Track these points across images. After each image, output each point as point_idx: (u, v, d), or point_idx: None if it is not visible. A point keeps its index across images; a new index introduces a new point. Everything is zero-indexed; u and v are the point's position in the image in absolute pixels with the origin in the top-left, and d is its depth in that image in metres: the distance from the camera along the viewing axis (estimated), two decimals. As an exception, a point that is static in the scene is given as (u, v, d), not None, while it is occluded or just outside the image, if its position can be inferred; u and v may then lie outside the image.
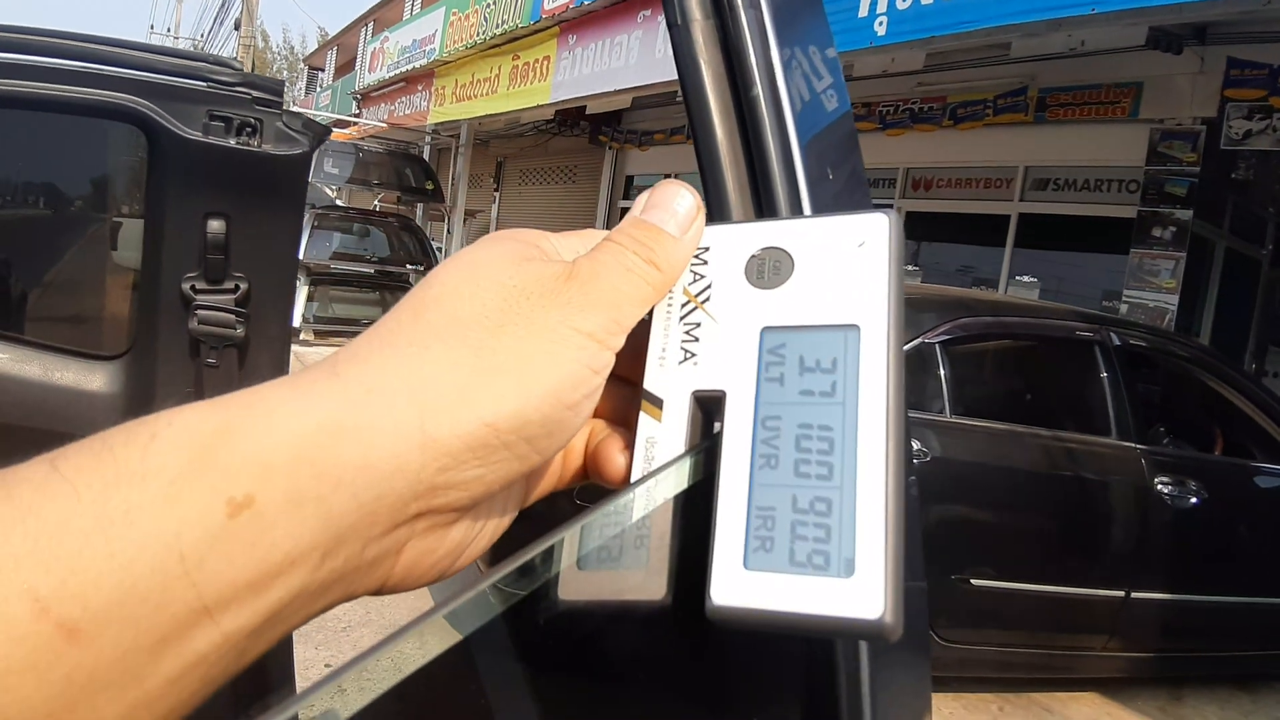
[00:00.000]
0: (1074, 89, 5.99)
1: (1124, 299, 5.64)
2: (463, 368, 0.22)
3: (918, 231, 7.67)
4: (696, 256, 0.28)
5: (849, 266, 0.25)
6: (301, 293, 7.43)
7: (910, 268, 7.46)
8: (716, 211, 0.34)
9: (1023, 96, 6.17)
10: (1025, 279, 6.47)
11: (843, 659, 0.36)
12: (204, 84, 1.01)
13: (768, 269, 0.26)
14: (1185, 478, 3.08)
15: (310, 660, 2.56)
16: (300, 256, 7.25)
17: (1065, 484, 3.00)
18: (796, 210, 0.33)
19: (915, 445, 2.76)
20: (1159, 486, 3.03)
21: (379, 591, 0.23)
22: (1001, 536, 2.94)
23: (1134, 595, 3.03)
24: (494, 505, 0.25)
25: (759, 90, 0.33)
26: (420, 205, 12.11)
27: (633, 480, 0.26)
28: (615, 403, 0.29)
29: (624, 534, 0.25)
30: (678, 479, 0.25)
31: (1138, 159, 5.70)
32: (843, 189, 0.39)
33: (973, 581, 2.86)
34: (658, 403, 0.26)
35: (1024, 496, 2.96)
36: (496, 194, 13.55)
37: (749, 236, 0.27)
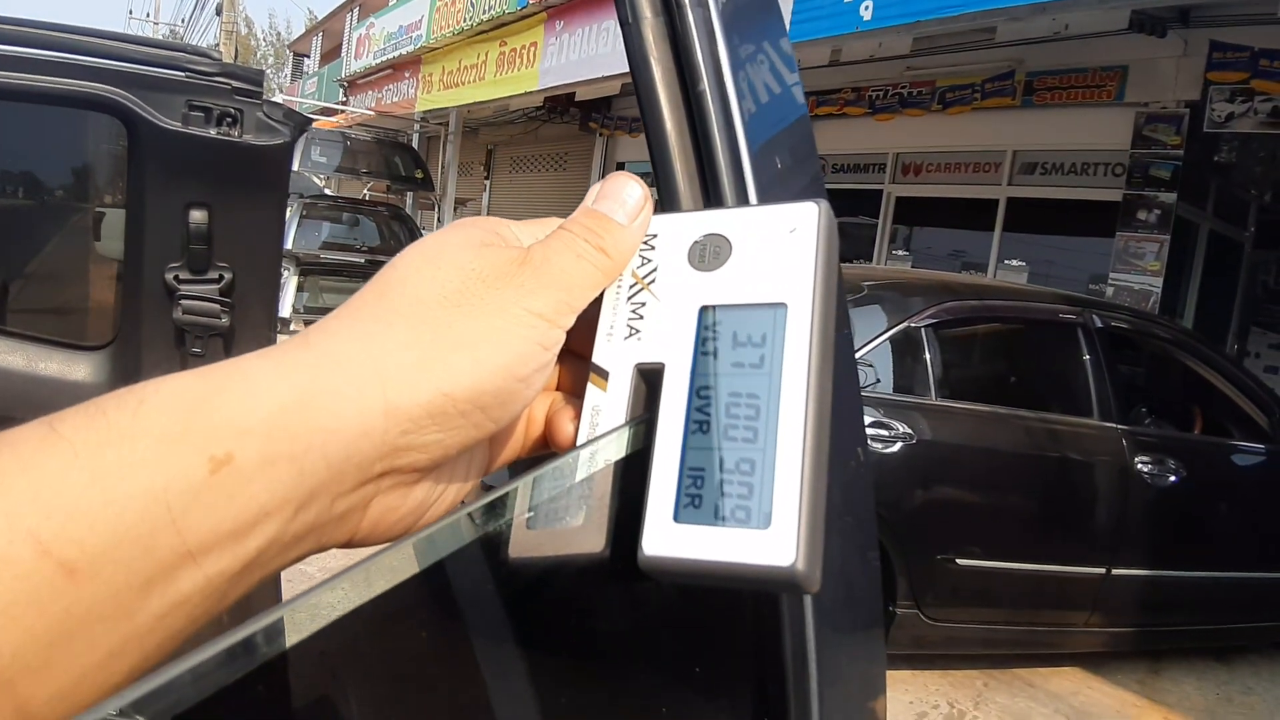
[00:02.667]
0: (1060, 73, 6.00)
1: (1110, 282, 5.69)
2: (423, 343, 0.24)
3: (908, 217, 7.69)
4: (645, 242, 0.30)
5: (780, 250, 0.27)
6: (291, 283, 7.39)
7: (900, 253, 7.48)
8: (667, 202, 0.35)
9: (1010, 81, 6.18)
10: (1014, 263, 6.50)
11: (789, 635, 0.38)
12: (183, 74, 1.01)
13: (708, 253, 0.28)
14: (1165, 457, 3.13)
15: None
16: (289, 246, 7.21)
17: (1048, 464, 3.04)
18: (742, 199, 0.35)
19: (901, 428, 2.79)
20: (1139, 465, 3.08)
21: (348, 544, 0.25)
22: (986, 516, 2.98)
23: (1114, 572, 3.08)
24: (456, 469, 0.28)
25: (705, 85, 0.34)
26: (410, 194, 12.05)
27: (578, 445, 0.28)
28: (575, 377, 0.31)
29: (569, 498, 0.27)
30: (618, 446, 0.27)
31: (1123, 142, 5.73)
32: (799, 194, 0.40)
33: (958, 561, 2.90)
34: (604, 374, 0.28)
35: (1008, 477, 3.00)
36: (487, 182, 13.48)
37: (693, 224, 0.29)
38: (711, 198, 0.35)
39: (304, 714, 0.21)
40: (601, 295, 0.29)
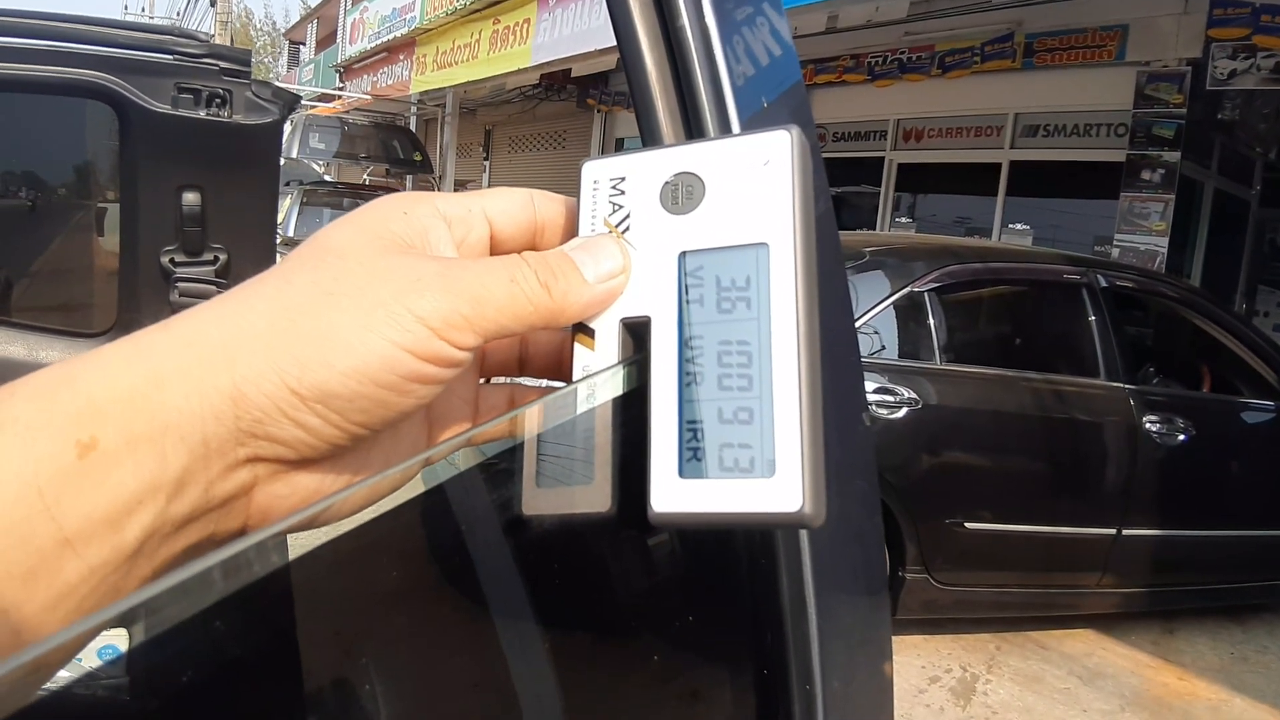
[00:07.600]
0: (1060, 33, 5.92)
1: (1115, 243, 5.64)
2: (277, 330, 0.23)
3: (911, 183, 7.63)
4: (614, 187, 0.29)
5: (756, 186, 0.26)
6: (292, 271, 7.38)
7: (904, 220, 7.42)
8: (650, 140, 0.35)
9: (1009, 43, 6.10)
10: (1018, 226, 6.44)
11: (788, 600, 0.37)
12: (170, 56, 1.00)
13: (681, 194, 0.27)
14: (1173, 415, 3.12)
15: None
16: (290, 234, 7.21)
17: (1056, 426, 3.03)
18: (726, 134, 0.34)
19: (906, 393, 2.79)
20: (1147, 425, 3.06)
21: (244, 533, 0.24)
22: (994, 479, 2.98)
23: (1125, 532, 3.08)
24: (369, 456, 0.26)
25: (685, 20, 0.34)
26: (409, 177, 12.00)
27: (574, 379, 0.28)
28: (549, 356, 0.30)
29: (573, 453, 0.27)
30: (614, 387, 0.27)
31: (1125, 102, 5.66)
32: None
33: (967, 524, 2.91)
34: (590, 333, 0.28)
35: (1015, 439, 3.00)
36: (486, 163, 13.41)
37: (661, 162, 0.28)
38: (694, 135, 0.34)
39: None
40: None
